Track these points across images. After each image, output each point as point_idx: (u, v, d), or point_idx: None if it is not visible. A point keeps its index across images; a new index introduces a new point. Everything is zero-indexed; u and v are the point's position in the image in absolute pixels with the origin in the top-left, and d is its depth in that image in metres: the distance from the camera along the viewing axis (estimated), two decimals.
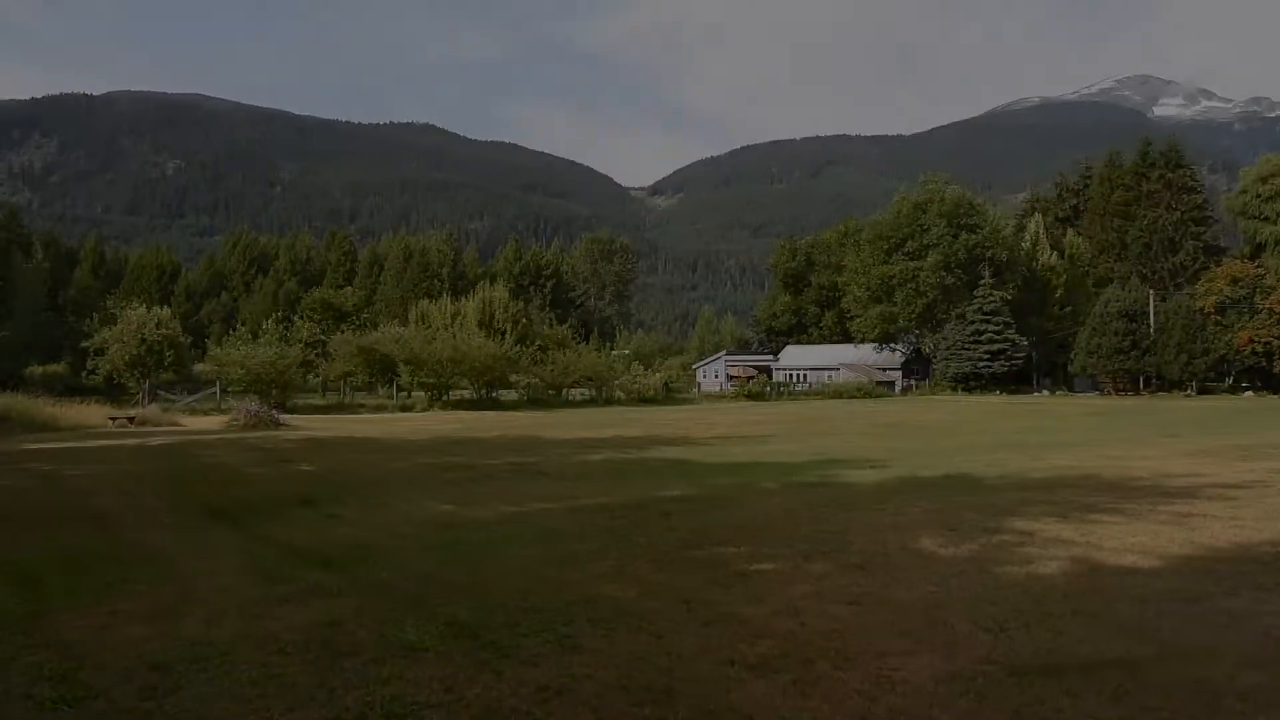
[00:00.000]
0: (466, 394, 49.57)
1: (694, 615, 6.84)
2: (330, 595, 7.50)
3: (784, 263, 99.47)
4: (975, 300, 71.86)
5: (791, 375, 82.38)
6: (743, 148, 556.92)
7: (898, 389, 75.42)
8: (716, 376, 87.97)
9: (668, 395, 58.51)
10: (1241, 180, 79.05)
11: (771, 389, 63.47)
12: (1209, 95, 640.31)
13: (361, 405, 45.23)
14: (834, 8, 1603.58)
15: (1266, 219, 72.25)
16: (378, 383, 51.52)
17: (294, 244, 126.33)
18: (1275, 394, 62.71)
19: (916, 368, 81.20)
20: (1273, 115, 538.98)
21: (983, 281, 72.13)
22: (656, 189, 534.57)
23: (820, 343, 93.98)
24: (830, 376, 77.15)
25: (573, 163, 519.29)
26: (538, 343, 59.08)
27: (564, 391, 52.97)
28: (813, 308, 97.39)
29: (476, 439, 25.01)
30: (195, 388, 45.85)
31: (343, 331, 54.52)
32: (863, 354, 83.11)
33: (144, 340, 42.73)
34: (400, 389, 49.32)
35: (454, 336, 52.21)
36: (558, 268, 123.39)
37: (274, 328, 53.42)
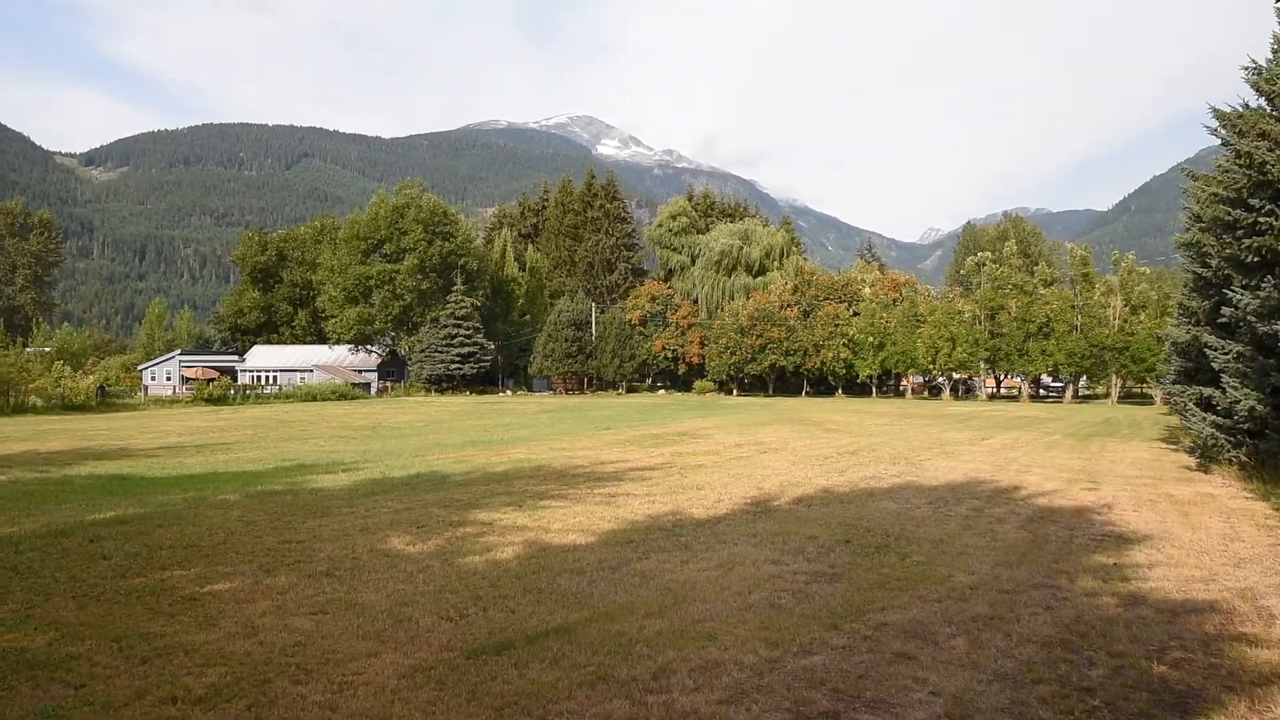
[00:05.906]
0: None
1: (128, 654, 5.97)
2: None
3: (252, 256, 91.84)
4: (449, 305, 75.22)
5: (260, 377, 76.72)
6: (205, 125, 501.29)
7: (374, 391, 75.13)
8: (169, 379, 77.77)
9: (104, 401, 49.89)
10: (659, 216, 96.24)
11: (236, 392, 58.20)
12: (637, 143, 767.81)
13: None
14: None
15: (676, 250, 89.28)
16: None
17: None
18: (680, 391, 77.75)
19: (392, 370, 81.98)
20: (680, 165, 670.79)
21: (455, 288, 75.80)
22: (92, 158, 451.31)
23: (293, 343, 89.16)
24: (304, 378, 73.74)
25: None
26: None
27: None
28: (285, 306, 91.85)
29: None
30: None
31: None
32: (338, 355, 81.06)
33: None
34: None
35: None
36: None
37: None
